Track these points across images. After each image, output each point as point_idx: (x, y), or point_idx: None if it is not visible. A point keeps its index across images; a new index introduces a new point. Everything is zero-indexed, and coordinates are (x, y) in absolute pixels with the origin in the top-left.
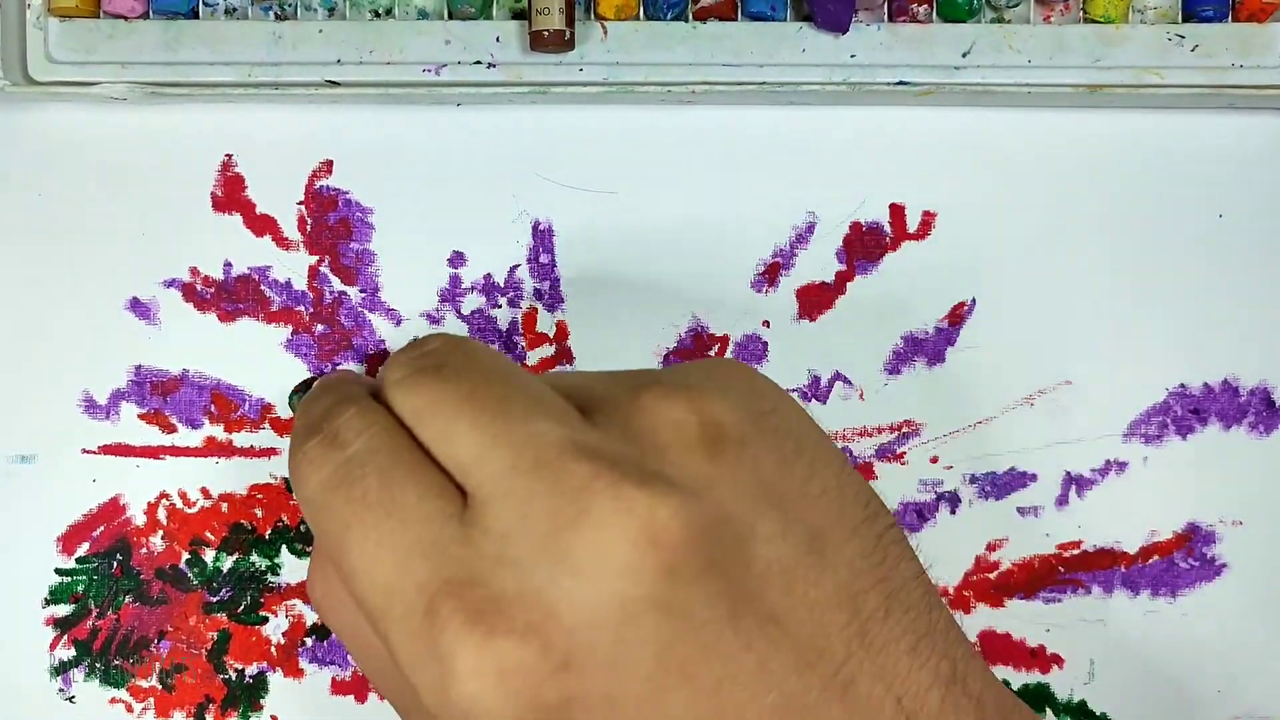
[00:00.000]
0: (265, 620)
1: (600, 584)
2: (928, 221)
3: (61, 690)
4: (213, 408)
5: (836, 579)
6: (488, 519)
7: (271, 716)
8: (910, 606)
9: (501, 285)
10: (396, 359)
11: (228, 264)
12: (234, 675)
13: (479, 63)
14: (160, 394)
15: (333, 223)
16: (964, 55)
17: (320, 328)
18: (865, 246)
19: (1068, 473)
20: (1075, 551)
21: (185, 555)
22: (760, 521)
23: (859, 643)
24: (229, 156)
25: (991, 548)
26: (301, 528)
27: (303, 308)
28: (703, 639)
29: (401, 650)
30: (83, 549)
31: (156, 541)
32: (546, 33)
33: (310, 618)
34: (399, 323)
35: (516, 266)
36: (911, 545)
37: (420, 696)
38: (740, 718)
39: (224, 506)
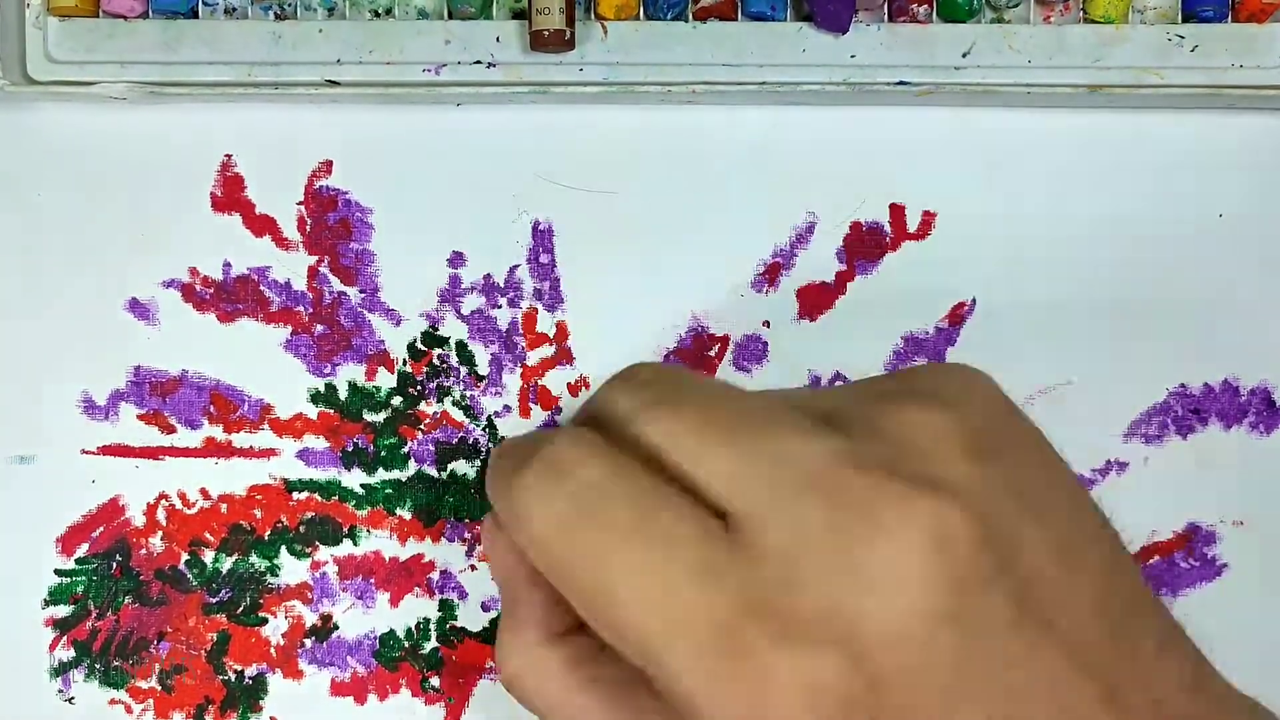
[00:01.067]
0: (265, 621)
1: (899, 599)
2: (928, 221)
3: (61, 691)
4: (212, 408)
5: (1090, 586)
6: (764, 539)
7: (271, 718)
8: (1148, 610)
9: (501, 285)
10: (614, 396)
11: (227, 264)
12: (233, 676)
13: (479, 63)
14: (159, 395)
15: (332, 223)
16: (964, 55)
17: (320, 328)
18: (865, 246)
19: None
20: None
21: (185, 556)
22: (1024, 528)
23: (1113, 649)
24: (228, 156)
25: None
26: (301, 529)
27: (302, 308)
28: (991, 648)
29: (694, 680)
30: (82, 550)
31: (156, 542)
32: (546, 32)
33: (310, 619)
34: (399, 323)
35: (516, 266)
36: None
37: None
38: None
39: (223, 507)
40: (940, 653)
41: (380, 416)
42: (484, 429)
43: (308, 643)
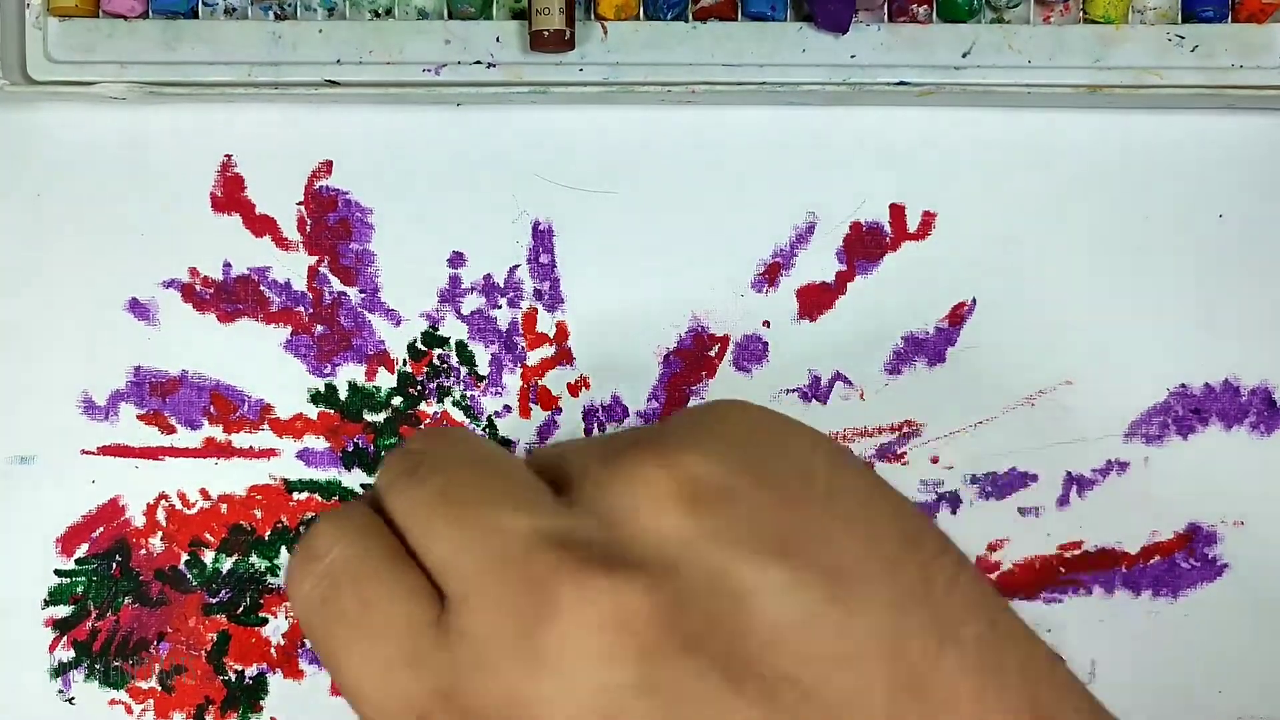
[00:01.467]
0: (265, 621)
1: (578, 679)
2: (928, 221)
3: (61, 691)
4: (212, 408)
5: (871, 623)
6: (463, 622)
7: (271, 718)
8: (971, 643)
9: (501, 285)
10: (384, 464)
11: (227, 264)
12: (233, 676)
13: (479, 63)
14: (159, 395)
15: (332, 223)
16: (964, 55)
17: (320, 328)
18: (865, 246)
19: (1069, 473)
20: (1076, 552)
21: (184, 556)
22: (760, 575)
23: (908, 695)
24: (228, 156)
25: (992, 548)
26: (301, 529)
27: (302, 308)
28: (702, 713)
29: None
30: (82, 550)
31: (156, 543)
32: (546, 33)
33: None
34: (399, 323)
35: (516, 267)
36: (974, 567)
37: None
38: None
39: (223, 507)
40: None
41: (380, 417)
42: (484, 429)
43: (308, 643)
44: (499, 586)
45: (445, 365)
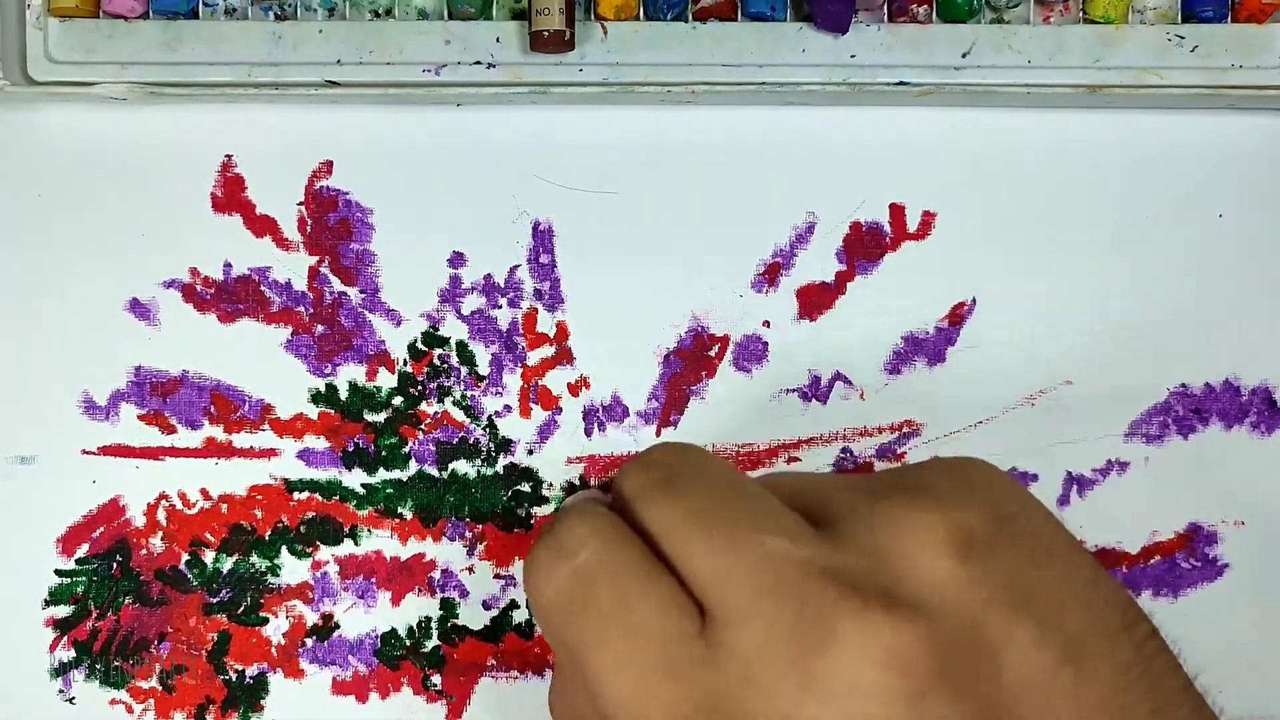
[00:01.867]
0: (265, 621)
1: (849, 710)
2: (928, 221)
3: (62, 691)
4: (212, 409)
5: (1097, 691)
6: (730, 640)
7: (272, 718)
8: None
9: (502, 285)
10: (628, 474)
11: (227, 265)
12: (234, 676)
13: (479, 63)
14: (160, 395)
15: (333, 223)
16: (964, 55)
17: (320, 328)
18: (865, 246)
19: (1069, 473)
20: None
21: (185, 556)
22: (1015, 629)
23: None
24: (229, 157)
25: None
26: (301, 529)
27: (303, 308)
28: None
29: None
30: (82, 550)
31: (156, 542)
32: (546, 33)
33: (311, 618)
34: (399, 323)
35: (516, 267)
36: (1174, 653)
37: None
38: None
39: (224, 507)
40: None
41: (381, 416)
42: (484, 429)
43: (309, 642)
44: (773, 609)
45: (445, 365)
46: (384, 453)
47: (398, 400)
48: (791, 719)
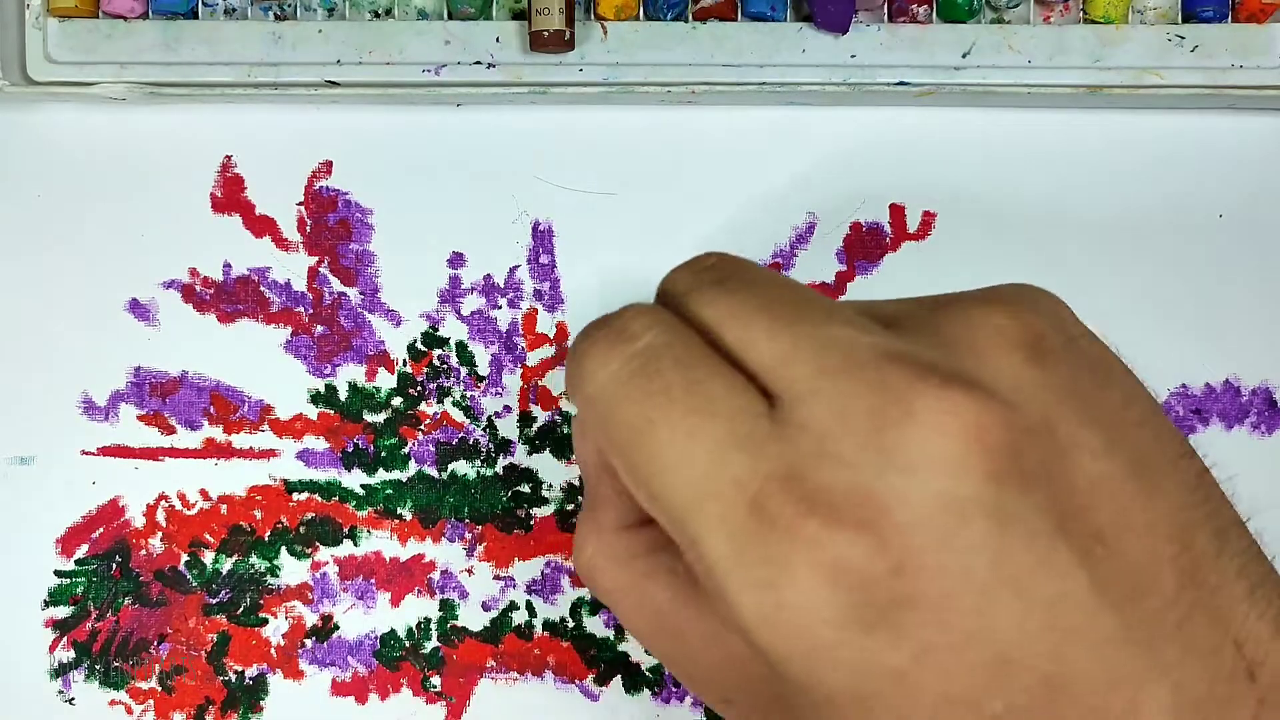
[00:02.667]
0: (265, 622)
1: (930, 482)
2: (928, 221)
3: (61, 692)
4: (212, 409)
5: (1165, 506)
6: (803, 417)
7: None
8: (1242, 550)
9: (501, 286)
10: (678, 275)
11: (227, 265)
12: (234, 677)
13: (479, 63)
14: (159, 395)
15: (332, 223)
16: (964, 56)
17: (320, 329)
18: (865, 246)
19: None
20: None
21: (184, 557)
22: (1084, 435)
23: (1191, 579)
24: (229, 157)
25: None
26: (301, 529)
27: (302, 309)
28: (1035, 551)
29: (717, 546)
30: (82, 551)
31: (155, 543)
32: (546, 33)
33: (310, 619)
34: (399, 323)
35: (516, 267)
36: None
37: (735, 608)
38: (1074, 641)
39: (223, 508)
40: (975, 546)
41: (380, 417)
42: (484, 429)
43: (308, 643)
44: (847, 389)
45: (445, 366)
46: (383, 453)
47: (397, 401)
48: (869, 490)
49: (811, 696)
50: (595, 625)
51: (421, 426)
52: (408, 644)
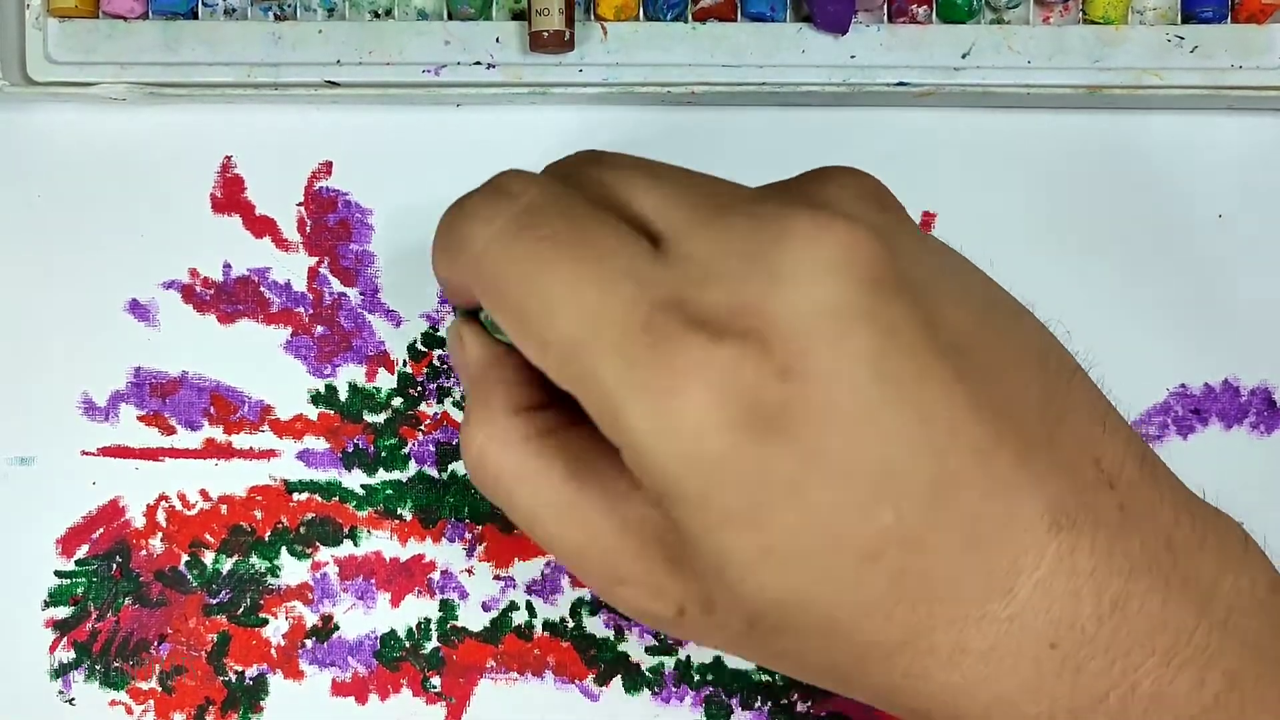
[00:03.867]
0: (265, 622)
1: (811, 289)
2: (927, 222)
3: (61, 693)
4: (212, 409)
5: (1020, 342)
6: (686, 250)
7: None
8: (1088, 385)
9: None
10: (556, 163)
11: (227, 265)
12: (234, 677)
13: (479, 63)
14: (159, 396)
15: (332, 224)
16: (963, 56)
17: (320, 329)
18: None
19: None
20: None
21: (185, 557)
22: (940, 280)
23: (1050, 400)
24: (228, 157)
25: None
26: (301, 529)
27: (302, 309)
28: (915, 361)
29: (610, 378)
30: (82, 551)
31: (156, 543)
32: (546, 33)
33: (310, 619)
34: (399, 324)
35: None
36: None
37: (630, 432)
38: (952, 445)
39: (223, 508)
40: (857, 351)
41: (380, 417)
42: None
43: (308, 643)
44: (726, 221)
45: (445, 366)
46: (383, 453)
47: (397, 401)
48: (751, 302)
49: (706, 523)
50: (595, 625)
51: (422, 427)
52: (408, 644)
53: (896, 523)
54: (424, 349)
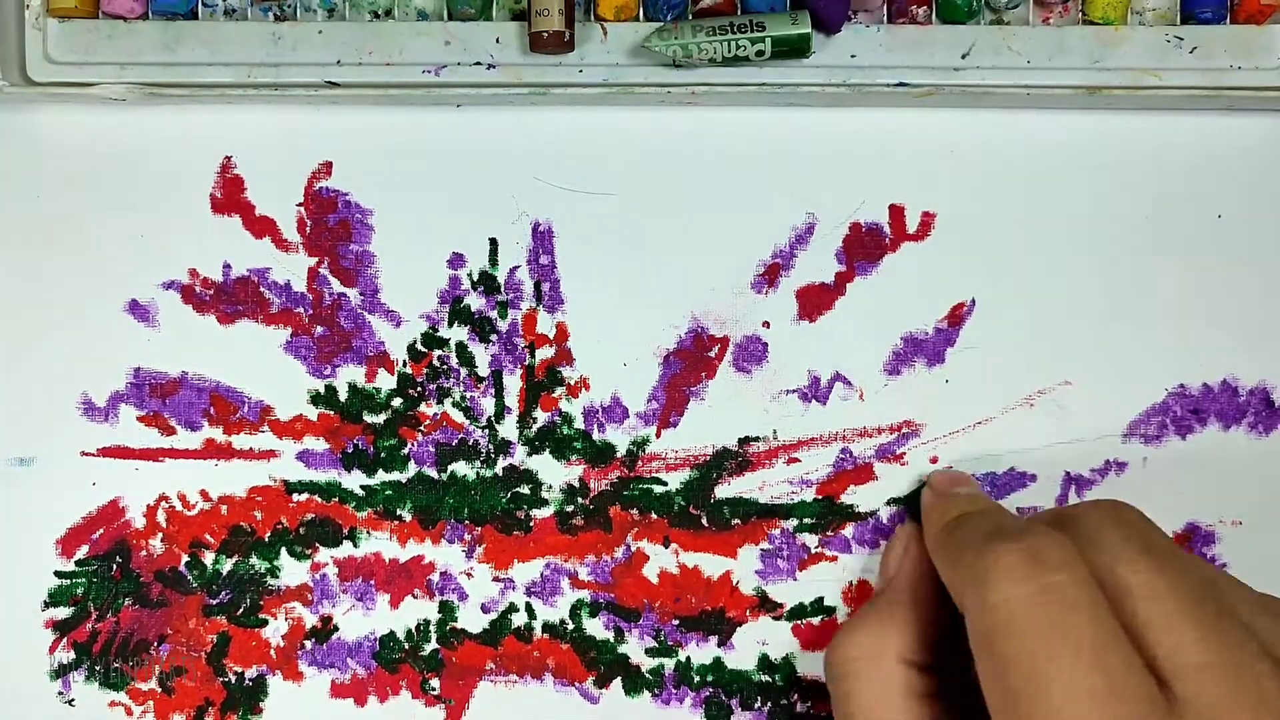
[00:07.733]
0: (265, 623)
1: None
2: (927, 222)
3: (61, 693)
4: (212, 410)
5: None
6: (1197, 708)
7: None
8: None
9: (501, 286)
10: (1100, 519)
11: (227, 266)
12: (233, 678)
13: (479, 64)
14: (159, 396)
15: (332, 224)
16: (963, 57)
17: (320, 329)
18: (865, 247)
19: (1067, 473)
20: None
21: (185, 558)
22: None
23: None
24: (228, 158)
25: None
26: (301, 530)
27: (302, 309)
28: None
29: None
30: (82, 551)
31: (156, 544)
32: (546, 34)
33: (310, 620)
34: (399, 324)
35: (516, 267)
36: None
37: None
38: None
39: (223, 509)
40: None
41: (380, 418)
42: (484, 430)
43: (308, 644)
44: (1247, 685)
45: (445, 366)
46: (383, 454)
47: (397, 402)
48: None
49: None
50: (595, 627)
51: (421, 427)
52: (407, 646)
53: None
54: (424, 349)
